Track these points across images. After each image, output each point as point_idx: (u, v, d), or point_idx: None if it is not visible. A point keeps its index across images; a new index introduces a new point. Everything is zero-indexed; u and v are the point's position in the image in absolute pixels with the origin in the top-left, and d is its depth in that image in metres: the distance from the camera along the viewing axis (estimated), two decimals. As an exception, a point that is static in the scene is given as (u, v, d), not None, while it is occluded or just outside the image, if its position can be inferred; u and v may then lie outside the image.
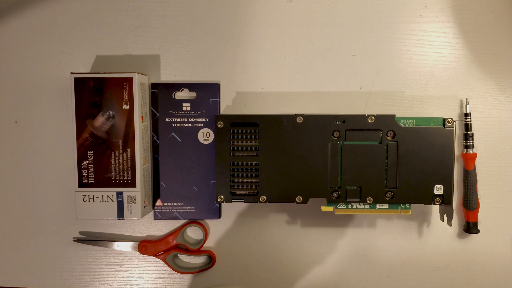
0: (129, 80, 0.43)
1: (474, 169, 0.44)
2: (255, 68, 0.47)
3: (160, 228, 0.48)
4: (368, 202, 0.43)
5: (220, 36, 0.47)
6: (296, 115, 0.43)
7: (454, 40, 0.46)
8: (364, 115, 0.42)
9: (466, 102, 0.45)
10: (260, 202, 0.44)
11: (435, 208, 0.47)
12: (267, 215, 0.48)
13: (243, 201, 0.44)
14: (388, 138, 0.43)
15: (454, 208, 0.41)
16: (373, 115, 0.42)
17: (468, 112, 0.45)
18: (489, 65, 0.46)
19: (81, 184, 0.43)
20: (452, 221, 0.44)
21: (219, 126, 0.43)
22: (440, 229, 0.47)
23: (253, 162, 0.44)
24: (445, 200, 0.42)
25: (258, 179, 0.44)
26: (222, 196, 0.44)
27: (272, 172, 0.43)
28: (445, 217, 0.45)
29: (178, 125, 0.46)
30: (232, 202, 0.44)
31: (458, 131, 0.46)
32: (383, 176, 0.43)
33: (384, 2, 0.46)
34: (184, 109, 0.46)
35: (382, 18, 0.46)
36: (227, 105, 0.47)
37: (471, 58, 0.46)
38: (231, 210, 0.48)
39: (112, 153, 0.43)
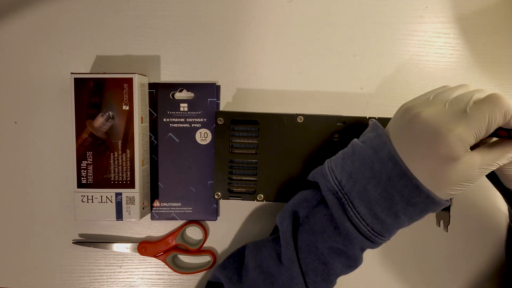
0: (129, 81, 0.43)
1: None
2: (255, 69, 0.47)
3: (159, 229, 0.48)
4: None
5: (220, 36, 0.47)
6: (297, 115, 0.43)
7: (454, 40, 0.46)
8: (365, 117, 0.42)
9: None
10: (257, 200, 0.43)
11: (432, 214, 0.46)
12: (265, 216, 0.48)
13: (240, 199, 0.44)
14: (388, 140, 0.42)
15: (450, 213, 0.41)
16: (374, 118, 0.42)
17: None
18: (490, 66, 0.46)
19: (80, 185, 0.43)
20: (448, 226, 0.43)
21: (219, 122, 0.43)
22: (437, 234, 0.47)
23: (252, 160, 0.43)
24: None
25: (256, 177, 0.43)
26: (219, 193, 0.44)
27: (270, 171, 0.43)
28: (441, 222, 0.44)
29: (175, 125, 0.46)
30: (229, 199, 0.44)
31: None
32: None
33: (385, 3, 0.46)
34: (181, 109, 0.46)
35: (382, 19, 0.46)
36: (227, 105, 0.47)
37: (472, 58, 0.46)
38: (229, 210, 0.48)
39: (112, 154, 0.43)
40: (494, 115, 0.29)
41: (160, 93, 0.46)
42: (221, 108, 0.47)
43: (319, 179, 0.38)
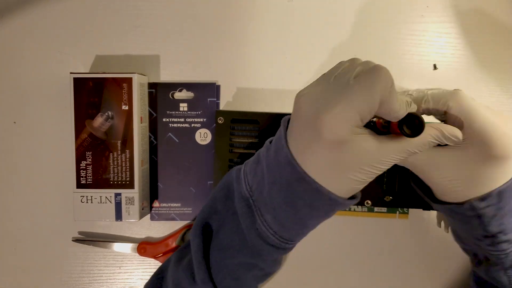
0: (129, 81, 0.42)
1: None
2: (255, 68, 0.46)
3: (159, 229, 0.48)
4: (366, 205, 0.43)
5: (220, 36, 0.46)
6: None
7: (456, 40, 0.46)
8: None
9: None
10: None
11: (433, 214, 0.46)
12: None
13: None
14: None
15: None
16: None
17: None
18: (491, 66, 0.45)
19: (79, 185, 0.43)
20: (449, 227, 0.43)
21: (219, 122, 0.43)
22: (437, 235, 0.47)
23: None
24: None
25: None
26: None
27: None
28: (442, 223, 0.44)
29: (175, 125, 0.46)
30: None
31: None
32: (383, 180, 0.42)
33: (386, 2, 0.46)
34: (181, 109, 0.46)
35: (383, 18, 0.46)
36: (227, 104, 0.47)
37: (473, 58, 0.46)
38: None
39: (111, 154, 0.43)
40: (375, 88, 0.26)
41: (160, 93, 0.46)
42: (221, 107, 0.47)
43: (233, 183, 0.34)
